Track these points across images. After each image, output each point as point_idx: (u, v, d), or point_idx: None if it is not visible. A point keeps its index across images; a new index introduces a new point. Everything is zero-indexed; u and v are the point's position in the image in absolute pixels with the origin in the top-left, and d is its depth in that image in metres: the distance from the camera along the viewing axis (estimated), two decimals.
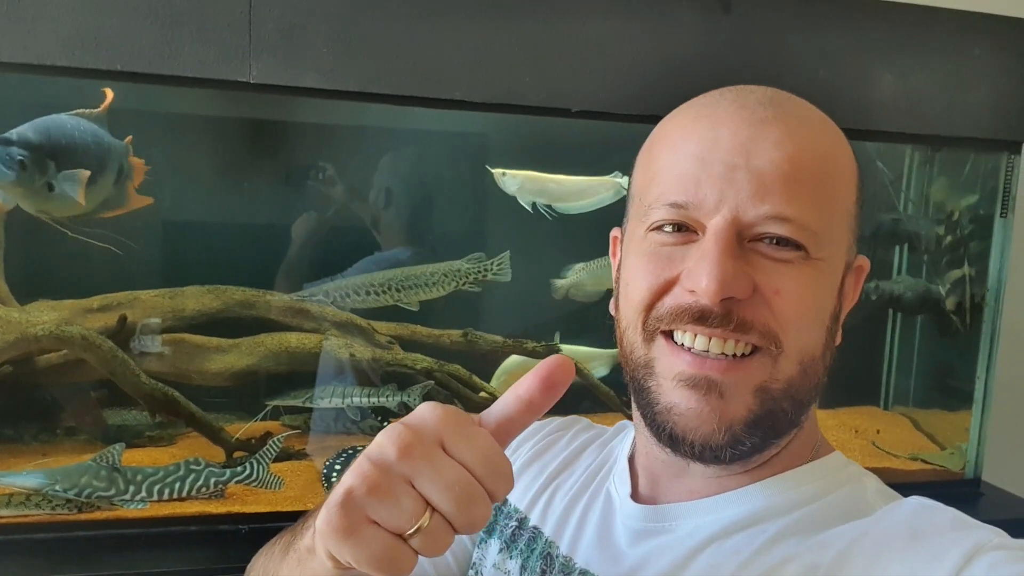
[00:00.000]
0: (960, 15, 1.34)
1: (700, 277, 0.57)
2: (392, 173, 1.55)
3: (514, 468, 0.81)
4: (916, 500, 0.61)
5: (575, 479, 0.77)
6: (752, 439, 0.60)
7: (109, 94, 1.25)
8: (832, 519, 0.61)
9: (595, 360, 1.63)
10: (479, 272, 1.49)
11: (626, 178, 1.45)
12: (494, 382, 1.57)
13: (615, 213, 0.74)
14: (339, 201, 1.53)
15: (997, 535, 0.56)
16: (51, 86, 1.22)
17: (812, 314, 0.61)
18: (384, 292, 1.46)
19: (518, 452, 0.83)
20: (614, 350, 1.59)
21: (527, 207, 1.50)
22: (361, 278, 1.48)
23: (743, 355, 0.59)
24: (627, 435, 0.78)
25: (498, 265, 1.49)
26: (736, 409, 0.59)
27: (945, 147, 1.63)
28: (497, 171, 1.48)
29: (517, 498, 0.79)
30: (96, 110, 1.25)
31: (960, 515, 0.58)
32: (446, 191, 1.64)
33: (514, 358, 1.59)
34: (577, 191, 1.53)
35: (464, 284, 1.49)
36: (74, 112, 1.23)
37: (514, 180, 1.49)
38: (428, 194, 1.63)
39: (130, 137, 1.31)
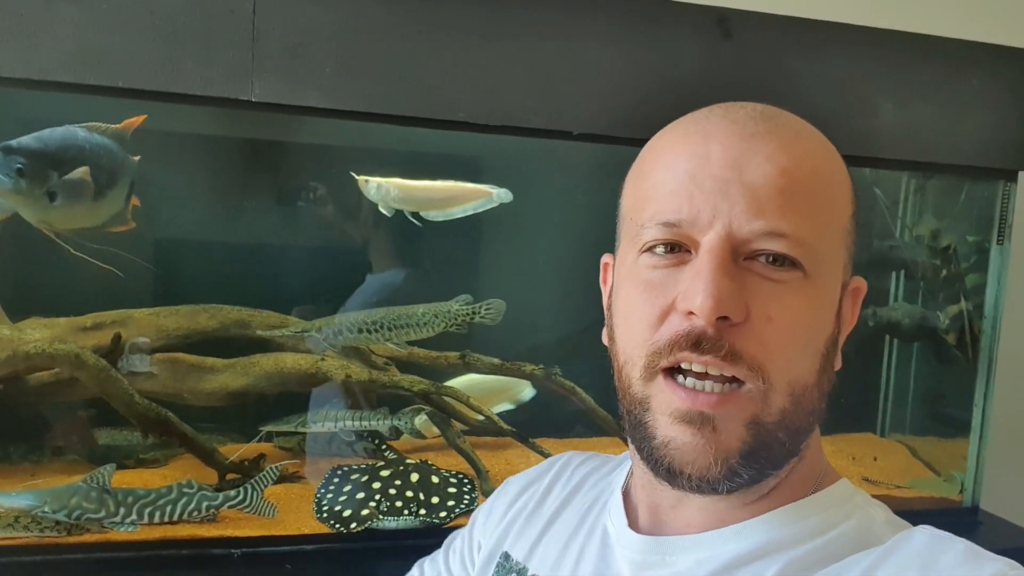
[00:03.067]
0: (959, 44, 1.35)
1: (695, 295, 0.56)
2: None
3: (518, 523, 0.80)
4: (927, 531, 0.59)
5: (570, 517, 0.76)
6: (748, 471, 0.58)
7: (141, 117, 1.25)
8: (839, 554, 0.59)
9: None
10: (468, 315, 1.49)
11: (502, 190, 1.48)
12: None
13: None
14: (333, 221, 1.53)
15: (1012, 568, 0.54)
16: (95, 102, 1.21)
17: (804, 342, 0.59)
18: (376, 331, 1.46)
19: (515, 504, 0.81)
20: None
21: (386, 214, 1.47)
22: (353, 315, 1.48)
23: (733, 379, 0.57)
24: (624, 467, 0.76)
25: (486, 309, 1.49)
26: (730, 442, 0.57)
27: (943, 175, 1.64)
28: (361, 178, 1.45)
29: (519, 551, 0.77)
30: (115, 125, 1.24)
31: (973, 546, 0.57)
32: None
33: (471, 376, 1.58)
34: (445, 198, 1.50)
35: (453, 326, 1.49)
36: (86, 125, 1.22)
37: (378, 188, 1.44)
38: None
39: (138, 156, 1.30)
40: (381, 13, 1.12)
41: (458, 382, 1.58)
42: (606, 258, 0.72)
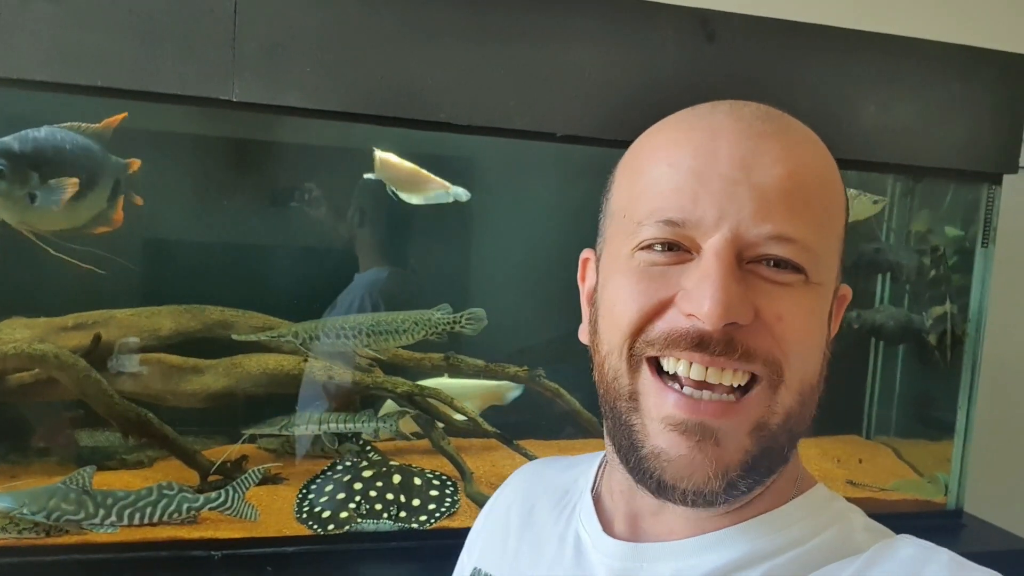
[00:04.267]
0: (942, 47, 1.35)
1: (702, 300, 0.53)
2: (369, 193, 1.54)
3: (482, 539, 0.78)
4: (909, 540, 0.58)
5: (538, 524, 0.74)
6: (748, 482, 0.56)
7: (121, 115, 1.24)
8: (820, 563, 0.58)
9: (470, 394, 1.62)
10: (448, 324, 1.48)
11: (460, 189, 1.47)
12: None
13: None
14: (322, 221, 1.52)
15: None
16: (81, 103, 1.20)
17: (813, 341, 0.57)
18: (355, 336, 1.45)
19: (485, 525, 0.80)
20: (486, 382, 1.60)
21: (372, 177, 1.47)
22: (332, 320, 1.47)
23: (739, 387, 0.55)
24: (588, 466, 0.74)
25: (466, 318, 1.49)
26: (732, 454, 0.55)
27: (927, 178, 1.64)
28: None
29: (492, 565, 0.75)
30: (95, 125, 1.23)
31: (956, 557, 0.56)
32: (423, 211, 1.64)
33: (443, 379, 1.58)
34: (411, 180, 1.48)
35: (433, 334, 1.48)
36: (67, 125, 1.21)
37: (376, 160, 1.44)
38: (405, 213, 1.63)
39: (137, 162, 1.30)
40: (362, 14, 1.12)
41: (429, 384, 1.57)
42: (586, 253, 0.69)
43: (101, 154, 1.25)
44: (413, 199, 1.48)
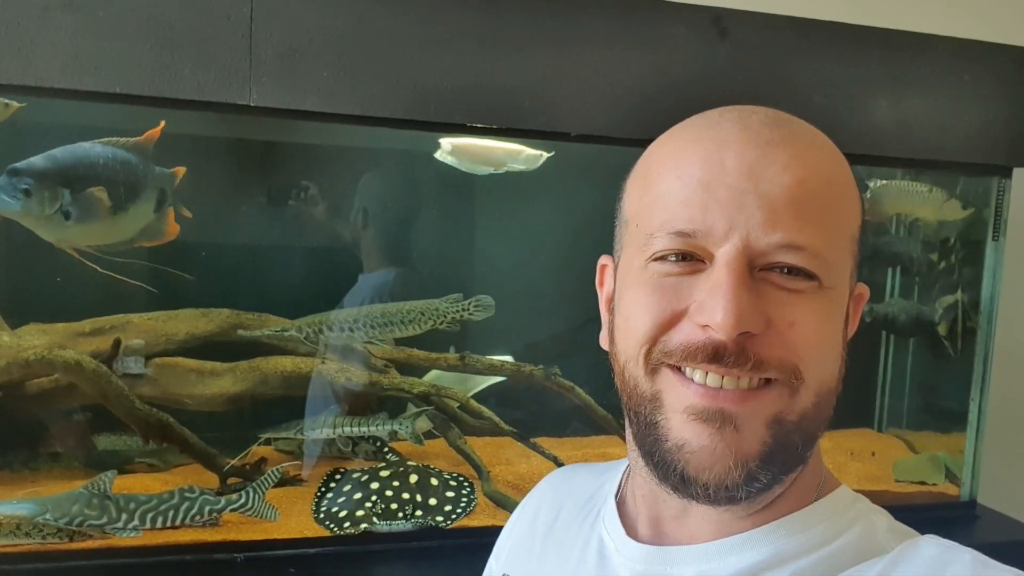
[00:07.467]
0: (952, 42, 1.36)
1: (715, 311, 0.54)
2: (376, 193, 1.54)
3: (510, 545, 0.79)
4: (933, 540, 0.58)
5: (562, 530, 0.75)
6: (766, 475, 0.57)
7: (161, 124, 1.24)
8: (844, 564, 0.58)
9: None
10: (456, 312, 1.48)
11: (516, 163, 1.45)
12: None
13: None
14: (325, 221, 1.53)
15: None
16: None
17: (828, 344, 0.58)
18: (359, 329, 1.45)
19: (513, 532, 0.81)
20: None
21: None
22: (335, 313, 1.47)
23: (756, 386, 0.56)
24: (613, 473, 0.75)
25: (475, 306, 1.49)
26: (751, 443, 0.56)
27: (938, 171, 1.64)
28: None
29: (519, 571, 0.76)
30: (135, 139, 1.22)
31: (980, 556, 0.56)
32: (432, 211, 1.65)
33: (434, 372, 1.58)
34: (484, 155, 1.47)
35: (442, 324, 1.48)
36: (102, 140, 1.21)
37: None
38: (414, 214, 1.63)
39: (182, 169, 1.29)
40: (378, 17, 1.12)
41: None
42: (604, 260, 0.70)
43: (140, 166, 1.24)
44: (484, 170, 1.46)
